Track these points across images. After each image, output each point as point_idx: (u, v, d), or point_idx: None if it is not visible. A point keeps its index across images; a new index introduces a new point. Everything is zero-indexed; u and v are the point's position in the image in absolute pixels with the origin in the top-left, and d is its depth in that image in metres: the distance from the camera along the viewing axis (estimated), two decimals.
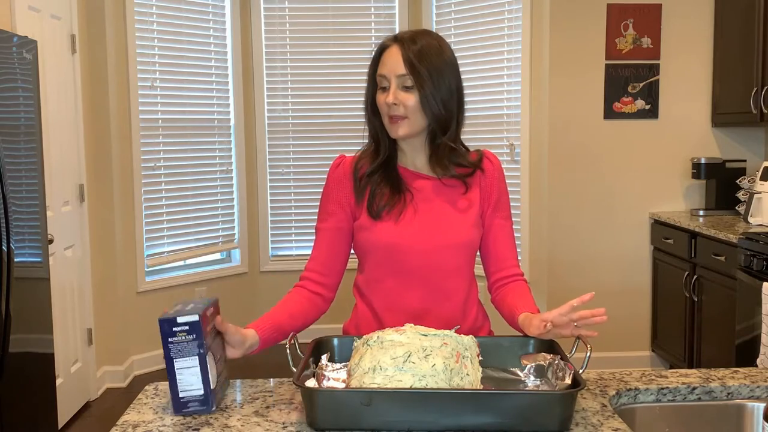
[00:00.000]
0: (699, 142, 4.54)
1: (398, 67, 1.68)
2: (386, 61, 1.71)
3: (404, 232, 1.72)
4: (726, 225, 3.94)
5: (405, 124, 1.70)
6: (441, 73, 1.69)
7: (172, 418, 1.41)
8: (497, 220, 1.80)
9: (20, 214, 3.04)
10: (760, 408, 1.53)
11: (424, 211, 1.74)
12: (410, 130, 1.71)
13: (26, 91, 3.17)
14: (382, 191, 1.75)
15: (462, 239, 1.74)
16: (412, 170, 1.78)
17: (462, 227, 1.74)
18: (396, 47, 1.70)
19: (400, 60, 1.68)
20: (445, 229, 1.73)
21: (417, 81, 1.67)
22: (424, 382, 1.33)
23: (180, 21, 4.86)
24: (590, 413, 1.39)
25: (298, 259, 5.38)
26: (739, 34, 4.17)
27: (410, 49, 1.68)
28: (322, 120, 5.31)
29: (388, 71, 1.70)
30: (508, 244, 1.81)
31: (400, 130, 1.70)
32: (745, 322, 3.46)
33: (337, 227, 1.81)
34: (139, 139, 4.61)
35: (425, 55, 1.68)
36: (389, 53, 1.71)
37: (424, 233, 1.72)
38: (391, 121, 1.71)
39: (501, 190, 1.81)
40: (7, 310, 2.84)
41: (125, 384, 4.47)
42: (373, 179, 1.76)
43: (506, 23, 4.74)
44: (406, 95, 1.69)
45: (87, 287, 4.19)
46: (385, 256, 1.74)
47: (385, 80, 1.71)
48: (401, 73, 1.68)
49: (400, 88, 1.69)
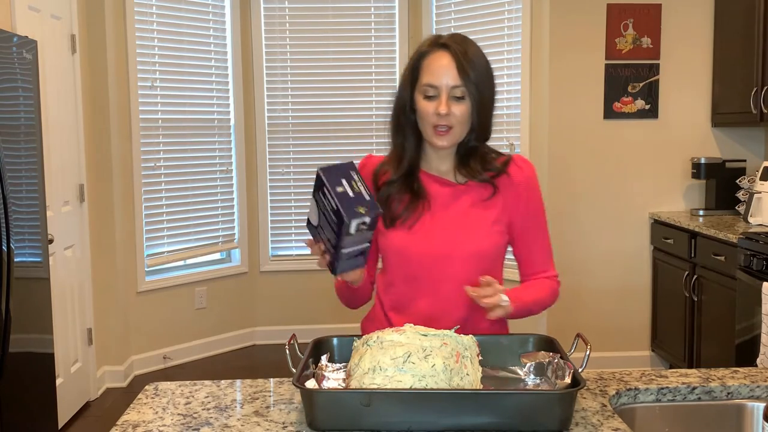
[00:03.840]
0: (699, 142, 4.54)
1: (451, 77, 1.64)
2: (435, 69, 1.65)
3: (415, 239, 1.71)
4: (726, 225, 3.94)
5: (451, 135, 1.67)
6: (486, 79, 1.67)
7: (172, 417, 1.41)
8: (528, 228, 1.76)
9: (20, 214, 3.04)
10: (760, 408, 1.53)
11: (440, 219, 1.71)
12: (454, 141, 1.69)
13: (26, 91, 3.17)
14: (401, 197, 1.73)
15: (474, 249, 1.70)
16: (435, 175, 1.75)
17: (477, 237, 1.71)
18: (445, 54, 1.65)
19: (454, 70, 1.63)
20: (458, 239, 1.70)
21: (468, 91, 1.64)
22: (424, 383, 1.33)
23: (180, 21, 4.86)
24: (590, 413, 1.39)
25: (298, 259, 5.38)
26: (739, 34, 4.17)
27: (461, 57, 1.64)
28: (322, 120, 5.31)
29: (439, 81, 1.64)
30: (540, 252, 1.78)
31: (445, 141, 1.67)
32: (745, 322, 3.46)
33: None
34: (139, 139, 4.61)
35: (473, 62, 1.64)
36: (437, 60, 1.66)
37: (435, 242, 1.70)
38: (437, 132, 1.67)
39: (531, 198, 1.75)
40: (7, 310, 2.84)
41: (125, 384, 4.47)
42: (394, 186, 1.73)
43: (506, 23, 4.74)
44: (457, 106, 1.65)
45: (87, 287, 4.19)
46: (396, 261, 1.75)
47: (434, 89, 1.65)
48: (454, 84, 1.64)
49: (450, 98, 1.64)
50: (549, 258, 1.80)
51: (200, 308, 5.04)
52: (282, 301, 5.35)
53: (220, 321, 5.15)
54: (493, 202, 1.72)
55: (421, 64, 1.68)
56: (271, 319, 5.33)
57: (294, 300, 5.34)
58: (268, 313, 5.35)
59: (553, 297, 1.79)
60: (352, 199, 1.50)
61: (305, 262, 5.37)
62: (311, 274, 5.33)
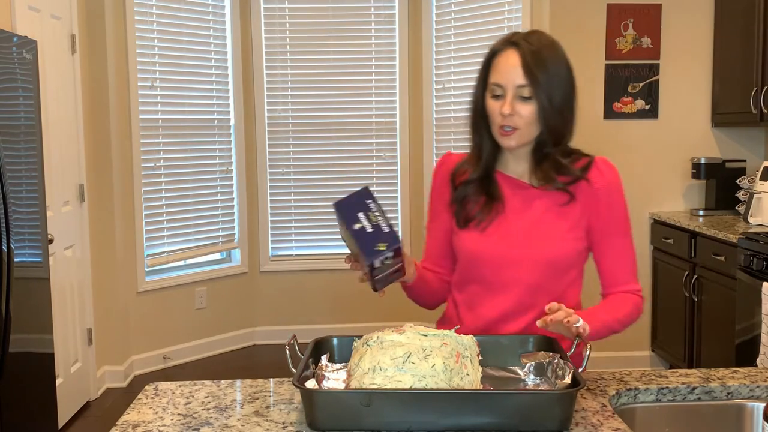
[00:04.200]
0: (699, 142, 4.54)
1: (517, 76, 1.60)
2: (502, 68, 1.62)
3: (487, 242, 1.69)
4: (726, 225, 3.94)
5: (517, 135, 1.63)
6: (560, 81, 1.62)
7: (172, 417, 1.41)
8: (607, 236, 1.70)
9: (20, 214, 3.04)
10: (760, 408, 1.53)
11: (513, 223, 1.69)
12: (521, 142, 1.65)
13: (26, 91, 3.17)
14: (477, 198, 1.71)
15: (545, 255, 1.66)
16: (512, 176, 1.72)
17: (548, 243, 1.67)
18: (513, 53, 1.61)
19: (519, 68, 1.60)
20: (529, 244, 1.67)
21: (535, 91, 1.60)
22: (424, 383, 1.33)
23: (180, 21, 4.86)
24: (590, 413, 1.39)
25: (298, 259, 5.38)
26: (739, 34, 4.17)
27: (529, 56, 1.60)
28: (322, 120, 5.31)
29: (505, 80, 1.61)
30: (621, 263, 1.72)
31: (511, 141, 1.64)
32: (745, 322, 3.46)
33: (443, 228, 1.79)
34: (139, 139, 4.61)
35: (544, 62, 1.61)
36: (505, 59, 1.63)
37: (506, 246, 1.68)
38: (503, 132, 1.64)
39: (612, 203, 1.70)
40: (7, 310, 2.84)
41: (125, 384, 4.47)
42: (471, 186, 1.72)
43: (506, 23, 4.75)
44: (522, 106, 1.61)
45: (87, 287, 4.19)
46: (467, 262, 1.73)
47: (500, 89, 1.62)
48: (520, 83, 1.60)
49: (516, 98, 1.61)
50: (631, 270, 1.73)
51: (200, 308, 5.04)
52: (282, 301, 5.35)
53: (220, 321, 5.15)
54: (570, 208, 1.68)
55: (492, 62, 1.65)
56: (271, 319, 5.34)
57: (294, 300, 5.34)
58: (268, 313, 5.35)
59: (636, 313, 1.72)
60: (371, 236, 1.50)
61: (305, 262, 5.37)
62: (311, 274, 5.33)
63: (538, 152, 1.68)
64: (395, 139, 5.31)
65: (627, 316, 1.70)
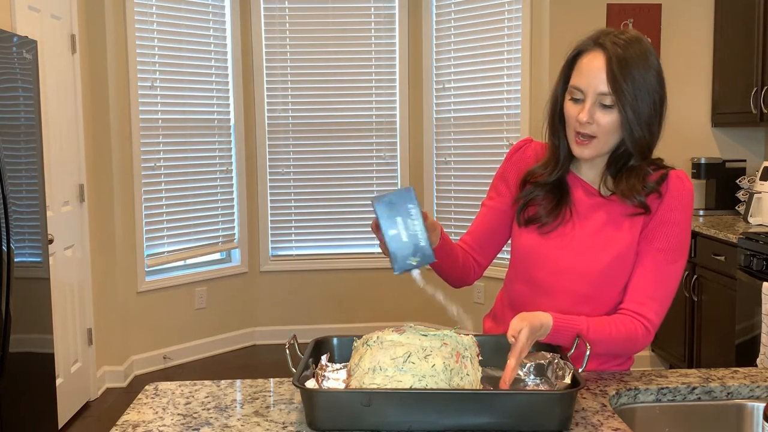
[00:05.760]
0: (699, 142, 4.54)
1: (599, 82, 1.50)
2: (584, 71, 1.52)
3: (545, 246, 1.64)
4: (726, 225, 3.94)
5: (593, 145, 1.54)
6: (648, 91, 1.51)
7: (172, 417, 1.41)
8: (648, 248, 1.58)
9: (20, 214, 3.04)
10: (760, 408, 1.53)
11: (575, 231, 1.62)
12: (597, 152, 1.55)
13: (26, 91, 3.17)
14: (545, 203, 1.64)
15: (599, 268, 1.59)
16: (583, 180, 1.64)
17: (605, 255, 1.59)
18: (599, 55, 1.51)
19: (603, 74, 1.49)
20: (586, 255, 1.60)
21: (618, 101, 1.49)
22: (424, 383, 1.33)
23: (180, 21, 4.86)
24: (590, 413, 1.39)
25: (298, 259, 5.38)
26: (739, 34, 4.17)
27: (616, 62, 1.48)
28: (322, 120, 5.31)
29: (586, 85, 1.51)
30: (646, 284, 1.57)
31: (586, 151, 1.55)
32: (745, 322, 3.46)
33: (501, 209, 1.73)
34: (139, 139, 4.61)
35: (631, 69, 1.48)
36: (589, 61, 1.52)
37: (563, 253, 1.62)
38: (578, 141, 1.55)
39: (669, 219, 1.57)
40: (7, 310, 2.84)
41: (125, 384, 4.47)
42: (542, 189, 1.65)
43: (506, 23, 4.75)
44: (603, 115, 1.51)
45: (87, 287, 4.19)
46: (520, 261, 1.70)
47: (580, 93, 1.53)
48: (602, 91, 1.50)
49: (596, 105, 1.51)
50: (653, 298, 1.57)
51: (200, 308, 5.04)
52: (282, 301, 5.35)
53: (220, 321, 5.15)
54: (634, 219, 1.59)
55: (575, 62, 1.56)
56: (271, 319, 5.34)
57: (294, 300, 5.34)
58: (268, 313, 5.35)
59: (631, 342, 1.56)
60: (405, 246, 1.46)
61: (305, 262, 5.37)
62: (311, 274, 5.34)
63: (617, 162, 1.59)
64: (395, 139, 5.31)
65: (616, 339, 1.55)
